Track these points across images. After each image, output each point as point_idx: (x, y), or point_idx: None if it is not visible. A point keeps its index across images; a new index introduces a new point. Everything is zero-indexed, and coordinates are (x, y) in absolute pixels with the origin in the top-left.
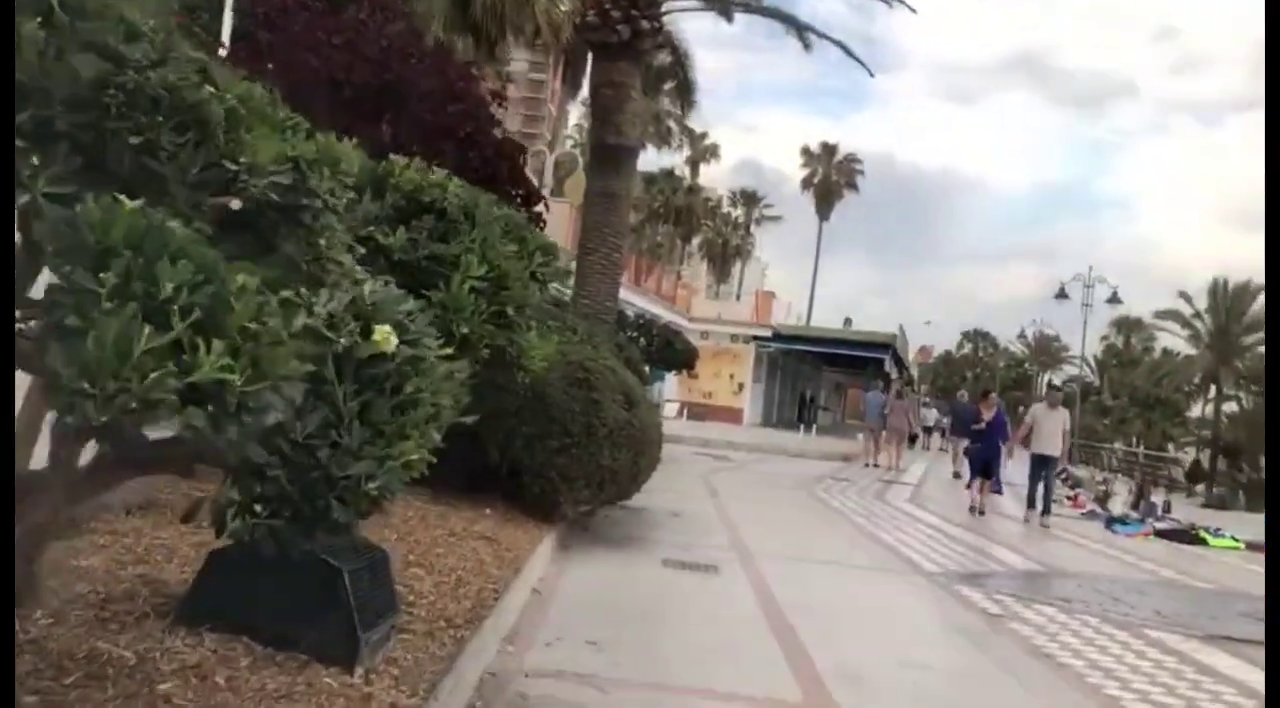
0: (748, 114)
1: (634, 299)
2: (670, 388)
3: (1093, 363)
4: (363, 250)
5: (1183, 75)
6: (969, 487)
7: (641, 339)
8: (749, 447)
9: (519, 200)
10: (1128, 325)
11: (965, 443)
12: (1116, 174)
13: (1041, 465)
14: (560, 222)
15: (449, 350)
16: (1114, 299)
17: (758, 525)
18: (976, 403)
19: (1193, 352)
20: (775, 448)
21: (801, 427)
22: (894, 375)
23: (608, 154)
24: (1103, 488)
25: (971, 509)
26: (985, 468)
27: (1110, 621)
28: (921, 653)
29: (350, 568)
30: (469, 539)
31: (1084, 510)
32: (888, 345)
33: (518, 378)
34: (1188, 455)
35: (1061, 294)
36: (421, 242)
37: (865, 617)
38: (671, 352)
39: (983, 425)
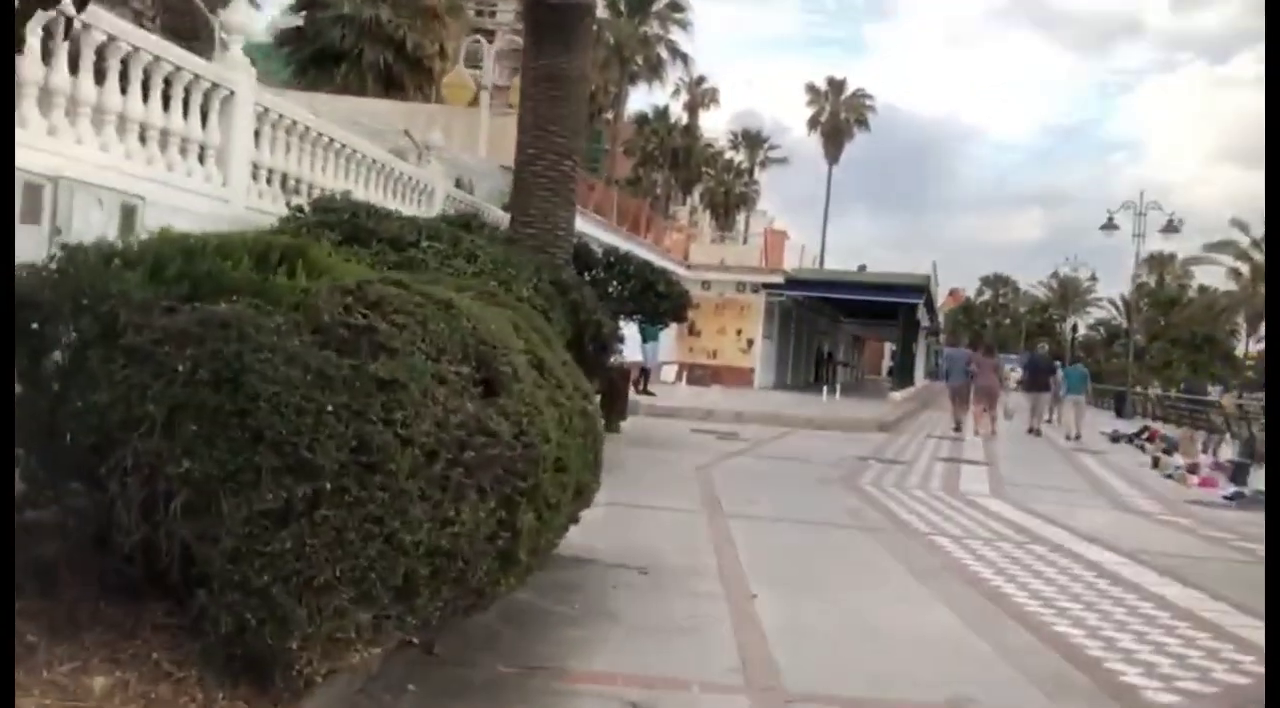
0: (744, 67)
1: (613, 240)
2: (668, 348)
3: (1120, 304)
4: None
5: (1186, 10)
6: None
7: (613, 282)
8: (763, 417)
9: None
10: (1160, 263)
11: (1043, 396)
12: (1123, 116)
13: None
14: (505, 135)
15: None
16: (1170, 228)
17: (791, 593)
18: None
19: (1233, 287)
20: (796, 418)
21: (824, 389)
22: (924, 323)
23: (550, 18)
24: (1205, 451)
25: None
26: None
27: None
28: None
29: None
30: None
31: (1226, 494)
32: (921, 289)
33: None
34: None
35: (1109, 225)
36: None
37: None
38: (653, 297)
39: None
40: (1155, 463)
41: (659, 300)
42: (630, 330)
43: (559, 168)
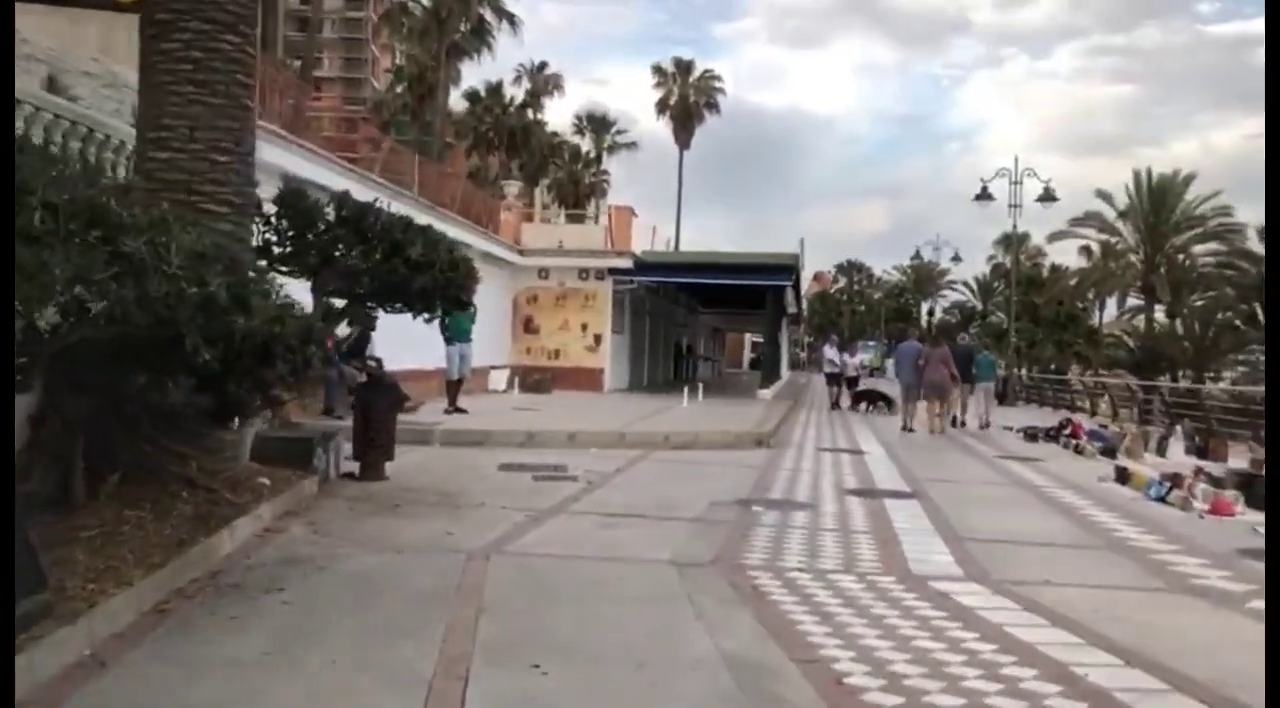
0: (592, 68)
1: (412, 212)
2: (500, 349)
3: (975, 286)
4: None
5: (1009, 8)
6: None
7: (341, 246)
8: (606, 437)
9: None
10: (1014, 243)
11: (967, 388)
12: (955, 108)
13: None
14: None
15: None
16: (1047, 196)
17: None
18: None
19: (1084, 264)
20: (650, 437)
21: (685, 389)
22: (791, 309)
23: None
24: (1147, 448)
25: None
26: None
27: None
28: None
29: None
30: None
31: (1239, 511)
32: (790, 269)
33: None
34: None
35: (984, 195)
36: None
37: None
38: (402, 268)
39: None
40: (1122, 477)
41: (413, 274)
42: (392, 326)
43: (212, 45)
